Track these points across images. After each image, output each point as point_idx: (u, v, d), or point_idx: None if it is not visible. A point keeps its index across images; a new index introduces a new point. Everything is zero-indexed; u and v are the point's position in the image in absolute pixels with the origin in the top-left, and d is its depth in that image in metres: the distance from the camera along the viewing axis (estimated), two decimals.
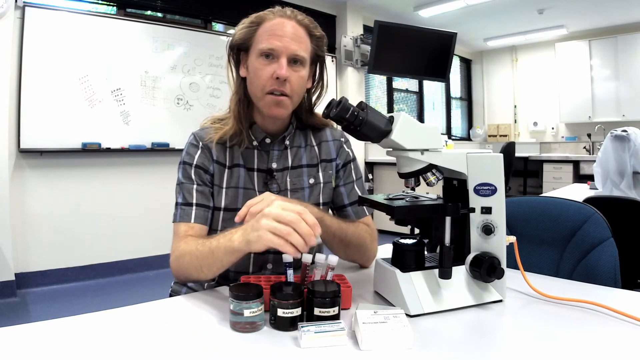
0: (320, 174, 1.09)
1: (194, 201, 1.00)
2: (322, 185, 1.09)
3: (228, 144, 1.04)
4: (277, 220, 0.73)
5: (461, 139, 7.46)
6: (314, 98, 1.10)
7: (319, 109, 1.12)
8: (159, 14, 3.80)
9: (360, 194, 1.11)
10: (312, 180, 1.08)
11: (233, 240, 0.81)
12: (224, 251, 0.83)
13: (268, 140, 1.06)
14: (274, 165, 1.05)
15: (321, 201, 1.09)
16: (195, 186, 1.01)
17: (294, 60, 0.97)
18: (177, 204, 1.02)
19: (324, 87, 1.09)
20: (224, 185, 1.03)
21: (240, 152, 1.05)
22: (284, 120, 1.07)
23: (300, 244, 0.72)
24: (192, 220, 0.98)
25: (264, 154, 1.06)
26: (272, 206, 0.76)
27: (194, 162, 1.03)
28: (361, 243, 1.04)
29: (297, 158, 1.08)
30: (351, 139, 1.02)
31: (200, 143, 1.04)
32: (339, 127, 0.84)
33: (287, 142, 1.08)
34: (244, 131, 1.03)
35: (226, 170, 1.04)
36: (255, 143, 1.05)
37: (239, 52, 1.03)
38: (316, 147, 1.12)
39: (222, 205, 1.02)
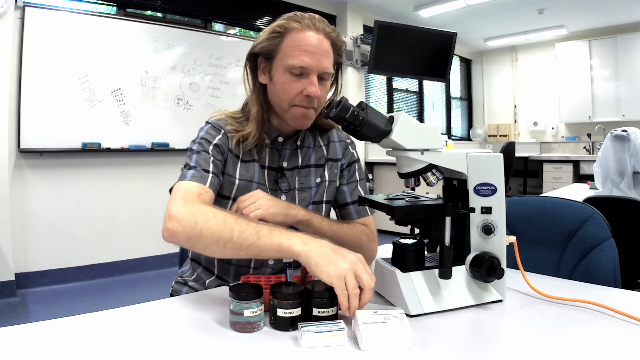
0: (327, 173, 1.11)
1: (211, 169, 0.94)
2: (327, 183, 1.10)
3: (242, 141, 1.02)
4: (356, 275, 0.71)
5: (461, 139, 7.46)
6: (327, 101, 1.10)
7: None
8: (159, 14, 3.80)
9: (362, 194, 1.12)
10: (318, 180, 1.09)
11: (294, 243, 0.75)
12: (273, 246, 0.76)
13: (281, 139, 1.06)
14: (285, 164, 1.06)
15: (324, 199, 1.10)
16: (212, 158, 0.96)
17: (322, 77, 0.97)
18: (189, 166, 0.94)
19: (338, 91, 1.09)
20: (237, 177, 1.02)
21: (252, 148, 1.04)
22: None
23: (354, 308, 0.70)
24: (208, 185, 0.91)
25: (275, 152, 1.06)
26: (357, 261, 0.72)
27: (214, 141, 0.99)
28: (355, 244, 1.03)
29: (306, 158, 1.09)
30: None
31: (222, 130, 1.02)
32: (340, 127, 0.84)
33: (299, 142, 1.08)
34: (262, 134, 1.02)
35: (239, 162, 1.03)
36: (267, 141, 1.05)
37: (255, 57, 1.02)
38: (324, 148, 1.13)
39: (233, 195, 1.02)
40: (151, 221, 3.46)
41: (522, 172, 6.57)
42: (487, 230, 0.82)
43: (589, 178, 3.34)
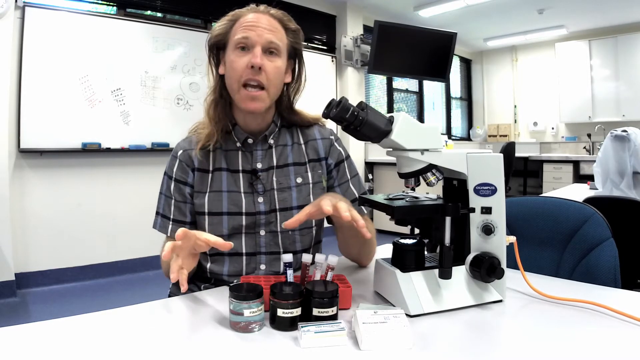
0: (309, 174, 1.08)
1: (171, 217, 1.05)
2: (311, 185, 1.07)
3: (211, 148, 1.04)
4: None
5: (461, 139, 7.46)
6: (292, 95, 1.09)
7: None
8: (159, 14, 3.80)
9: (356, 192, 1.10)
10: (299, 180, 1.06)
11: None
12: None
13: (250, 141, 1.05)
14: (259, 166, 1.05)
15: (312, 202, 1.08)
16: (173, 201, 1.05)
17: (269, 51, 0.97)
18: (157, 212, 1.07)
19: (302, 83, 1.08)
20: (207, 190, 1.03)
21: (223, 154, 1.05)
22: (266, 118, 1.06)
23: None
24: (169, 234, 1.05)
25: (248, 155, 1.06)
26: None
27: (173, 175, 1.05)
28: (373, 238, 1.06)
29: (282, 157, 1.07)
30: (351, 138, 1.01)
31: (178, 153, 1.06)
32: (340, 127, 0.84)
33: (271, 141, 1.07)
34: (218, 132, 1.02)
35: (209, 175, 1.04)
36: (238, 144, 1.05)
37: (217, 51, 1.04)
38: (304, 146, 1.10)
39: (206, 210, 1.02)
40: (151, 221, 3.45)
41: (522, 172, 6.57)
42: (487, 230, 0.82)
43: (589, 178, 3.34)
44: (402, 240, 0.85)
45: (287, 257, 0.81)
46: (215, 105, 1.03)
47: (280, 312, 0.71)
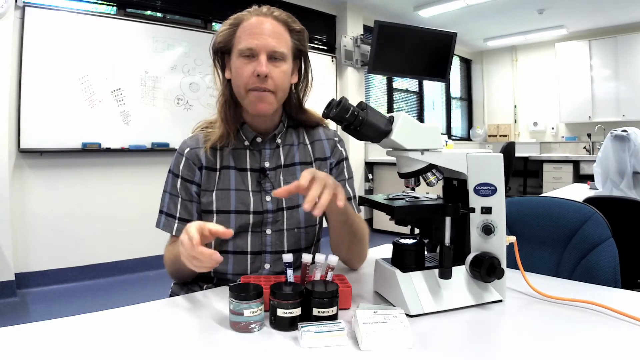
0: None
1: (177, 215, 1.04)
2: None
3: (219, 147, 1.04)
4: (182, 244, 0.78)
5: (461, 139, 7.46)
6: (301, 94, 1.10)
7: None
8: (159, 14, 3.80)
9: (351, 193, 1.11)
10: None
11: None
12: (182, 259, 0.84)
13: (259, 140, 1.06)
14: (267, 165, 1.05)
15: None
16: (180, 200, 1.04)
17: (274, 57, 0.97)
18: (161, 211, 1.06)
19: (309, 82, 1.09)
20: (214, 189, 1.03)
21: (230, 153, 1.05)
22: (274, 118, 1.07)
23: (198, 267, 0.78)
24: (174, 233, 1.04)
25: (256, 154, 1.06)
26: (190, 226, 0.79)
27: (180, 174, 1.05)
28: (364, 236, 1.05)
29: (289, 156, 1.08)
30: (351, 139, 1.01)
31: (185, 151, 1.06)
32: (339, 127, 0.84)
33: (279, 141, 1.08)
34: (232, 133, 1.03)
35: (217, 173, 1.04)
36: (246, 143, 1.06)
37: (222, 55, 1.04)
38: (309, 146, 1.11)
39: (214, 208, 1.02)
40: (151, 221, 3.43)
41: (522, 172, 6.57)
42: (487, 230, 0.82)
43: (589, 178, 3.34)
44: (402, 240, 0.85)
45: (287, 257, 0.81)
46: (228, 107, 1.03)
47: (280, 312, 0.71)
